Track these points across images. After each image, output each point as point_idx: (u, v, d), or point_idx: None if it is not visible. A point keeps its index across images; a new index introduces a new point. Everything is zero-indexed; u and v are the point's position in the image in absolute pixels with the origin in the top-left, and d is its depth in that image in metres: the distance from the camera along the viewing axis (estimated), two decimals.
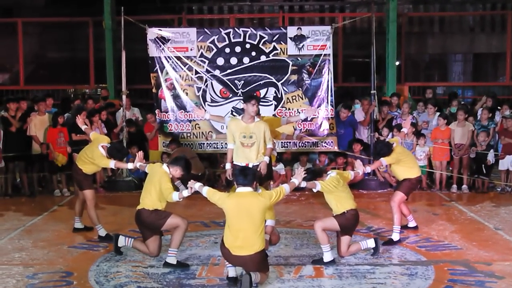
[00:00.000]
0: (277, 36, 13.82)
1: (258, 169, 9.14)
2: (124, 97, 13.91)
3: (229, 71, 13.83)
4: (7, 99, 13.99)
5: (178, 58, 13.84)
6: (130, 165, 9.31)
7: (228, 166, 9.60)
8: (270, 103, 13.78)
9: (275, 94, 13.80)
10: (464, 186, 13.37)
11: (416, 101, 15.47)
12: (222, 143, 13.74)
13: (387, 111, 14.30)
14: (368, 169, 9.42)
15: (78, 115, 11.30)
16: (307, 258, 8.58)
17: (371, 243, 8.66)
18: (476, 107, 14.68)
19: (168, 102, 13.93)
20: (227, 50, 13.84)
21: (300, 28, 13.93)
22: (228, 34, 13.86)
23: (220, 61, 13.83)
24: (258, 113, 10.67)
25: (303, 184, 7.98)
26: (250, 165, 9.25)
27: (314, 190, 8.30)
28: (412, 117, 13.93)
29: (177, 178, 8.71)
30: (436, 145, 13.41)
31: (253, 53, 13.80)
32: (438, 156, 13.48)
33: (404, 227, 9.85)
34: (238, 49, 13.82)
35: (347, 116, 14.14)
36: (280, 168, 13.83)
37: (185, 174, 8.57)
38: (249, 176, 7.46)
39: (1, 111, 13.47)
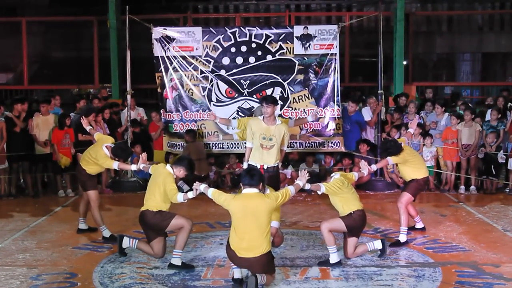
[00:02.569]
0: (283, 35, 13.74)
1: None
2: (128, 96, 13.84)
3: (234, 70, 13.74)
4: (12, 100, 13.93)
5: (183, 57, 13.77)
6: (133, 167, 9.27)
7: (245, 165, 9.69)
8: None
9: (281, 94, 13.71)
10: (472, 187, 13.26)
11: (423, 101, 15.37)
12: (228, 143, 13.70)
13: (398, 117, 14.14)
14: (374, 167, 9.33)
15: (84, 116, 11.27)
16: (313, 259, 8.55)
17: (378, 244, 8.62)
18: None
19: (173, 102, 13.85)
20: (233, 49, 13.76)
21: (307, 27, 13.84)
22: (233, 33, 13.78)
23: (226, 60, 13.75)
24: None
25: (307, 186, 7.92)
26: (265, 167, 9.26)
27: (319, 193, 8.23)
28: (419, 117, 13.85)
29: (180, 178, 8.65)
30: (446, 145, 13.30)
31: (259, 53, 13.72)
32: (449, 156, 13.36)
33: (411, 228, 9.79)
34: (244, 48, 13.74)
35: (355, 111, 14.03)
36: (288, 170, 13.78)
37: (189, 174, 8.55)
38: (256, 176, 7.40)
39: (6, 111, 13.40)
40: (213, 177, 13.85)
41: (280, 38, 13.72)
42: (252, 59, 13.74)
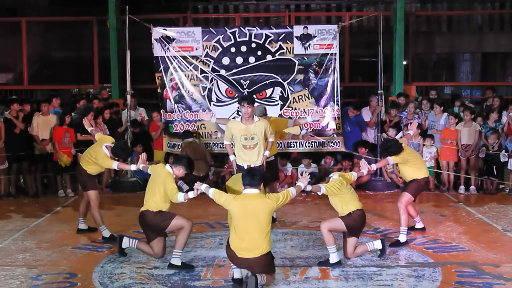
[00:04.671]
0: (283, 35, 13.73)
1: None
2: (128, 96, 13.84)
3: (234, 70, 13.73)
4: (10, 100, 13.93)
5: (184, 57, 13.76)
6: (133, 167, 9.26)
7: (232, 158, 9.91)
8: (276, 102, 13.70)
9: (281, 94, 13.72)
10: (472, 187, 13.26)
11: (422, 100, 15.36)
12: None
13: (395, 114, 14.17)
14: (374, 166, 9.30)
15: (85, 117, 11.25)
16: (313, 259, 8.55)
17: (377, 244, 8.62)
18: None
19: (173, 102, 13.84)
20: (233, 49, 13.75)
21: (307, 27, 13.83)
22: (233, 33, 13.77)
23: (226, 60, 13.74)
24: (265, 114, 10.71)
25: (309, 188, 7.94)
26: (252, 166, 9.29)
27: (319, 194, 8.23)
28: (418, 117, 13.86)
29: (179, 178, 8.65)
30: (445, 145, 13.30)
31: (259, 53, 13.71)
32: (445, 156, 13.36)
33: (411, 228, 9.79)
34: (243, 48, 13.73)
35: (355, 115, 14.05)
36: (287, 168, 13.78)
37: (188, 173, 8.54)
38: (257, 176, 7.39)
39: (6, 111, 13.41)
40: (212, 177, 13.84)
41: (280, 38, 13.71)
42: (252, 59, 13.73)
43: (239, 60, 13.75)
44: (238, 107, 13.50)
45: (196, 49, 13.78)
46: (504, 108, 14.24)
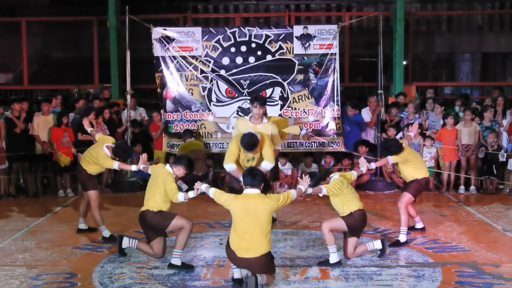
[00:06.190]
0: (283, 35, 13.72)
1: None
2: (128, 96, 13.83)
3: (234, 70, 13.72)
4: (11, 100, 13.93)
5: (183, 57, 13.74)
6: (133, 167, 9.26)
7: None
8: (276, 102, 13.69)
9: (281, 94, 13.70)
10: (472, 187, 13.25)
11: (423, 101, 15.37)
12: (228, 143, 13.62)
13: (395, 113, 14.18)
14: (373, 165, 9.26)
15: (85, 117, 11.25)
16: (313, 259, 8.55)
17: (377, 244, 8.62)
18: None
19: (173, 102, 13.83)
20: (233, 49, 13.74)
21: (306, 27, 13.82)
22: (233, 33, 13.76)
23: (226, 60, 13.73)
24: (265, 114, 10.72)
25: (309, 190, 7.94)
26: None
27: (320, 195, 8.23)
28: (418, 117, 13.85)
29: (179, 177, 8.66)
30: (446, 145, 13.28)
31: (259, 53, 13.70)
32: (448, 156, 13.34)
33: (411, 228, 9.79)
34: (243, 48, 13.72)
35: (354, 114, 14.05)
36: (287, 168, 13.78)
37: (189, 173, 8.54)
38: (258, 177, 7.39)
39: (7, 111, 13.41)
40: (212, 178, 13.83)
41: (280, 38, 13.70)
42: (252, 59, 13.72)
43: (239, 60, 13.74)
44: (238, 107, 13.58)
45: (196, 49, 13.77)
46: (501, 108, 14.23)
